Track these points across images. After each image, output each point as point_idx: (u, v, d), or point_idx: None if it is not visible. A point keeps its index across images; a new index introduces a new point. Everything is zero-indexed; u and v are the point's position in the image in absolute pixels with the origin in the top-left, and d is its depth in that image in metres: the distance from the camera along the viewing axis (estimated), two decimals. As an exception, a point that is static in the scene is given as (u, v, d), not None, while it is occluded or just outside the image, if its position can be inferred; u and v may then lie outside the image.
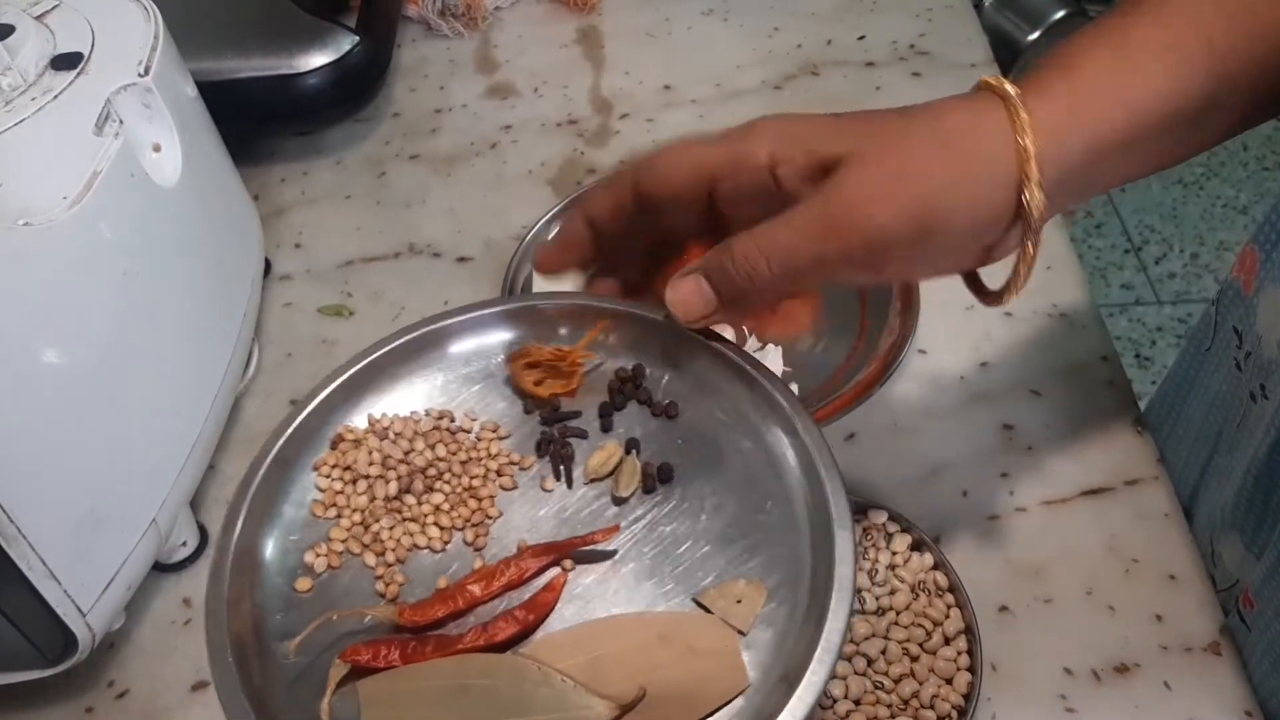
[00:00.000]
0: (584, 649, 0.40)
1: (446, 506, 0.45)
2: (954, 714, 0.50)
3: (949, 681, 0.51)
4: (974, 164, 0.37)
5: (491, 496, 0.45)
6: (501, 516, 0.45)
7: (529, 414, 0.47)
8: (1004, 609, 0.55)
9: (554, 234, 0.46)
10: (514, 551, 0.43)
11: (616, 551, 0.43)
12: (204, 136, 0.62)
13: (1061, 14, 1.68)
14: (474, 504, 0.45)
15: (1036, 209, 0.37)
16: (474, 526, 0.44)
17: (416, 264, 0.74)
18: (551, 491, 0.45)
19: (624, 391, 0.47)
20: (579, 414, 0.47)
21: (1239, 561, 0.54)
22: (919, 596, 0.53)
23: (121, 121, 0.53)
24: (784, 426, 0.44)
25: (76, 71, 0.52)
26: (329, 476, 0.46)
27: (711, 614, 0.41)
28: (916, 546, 0.55)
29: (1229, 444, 0.57)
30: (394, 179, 0.80)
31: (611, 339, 0.48)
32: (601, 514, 0.44)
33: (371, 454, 0.46)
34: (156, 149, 0.56)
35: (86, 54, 0.53)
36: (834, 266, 0.39)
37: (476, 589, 0.42)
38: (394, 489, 0.45)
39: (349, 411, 0.47)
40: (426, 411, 0.48)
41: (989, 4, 1.70)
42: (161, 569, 0.59)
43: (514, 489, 0.45)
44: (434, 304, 0.71)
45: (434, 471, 0.46)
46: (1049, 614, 0.55)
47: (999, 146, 0.37)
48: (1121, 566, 0.56)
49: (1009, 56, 1.64)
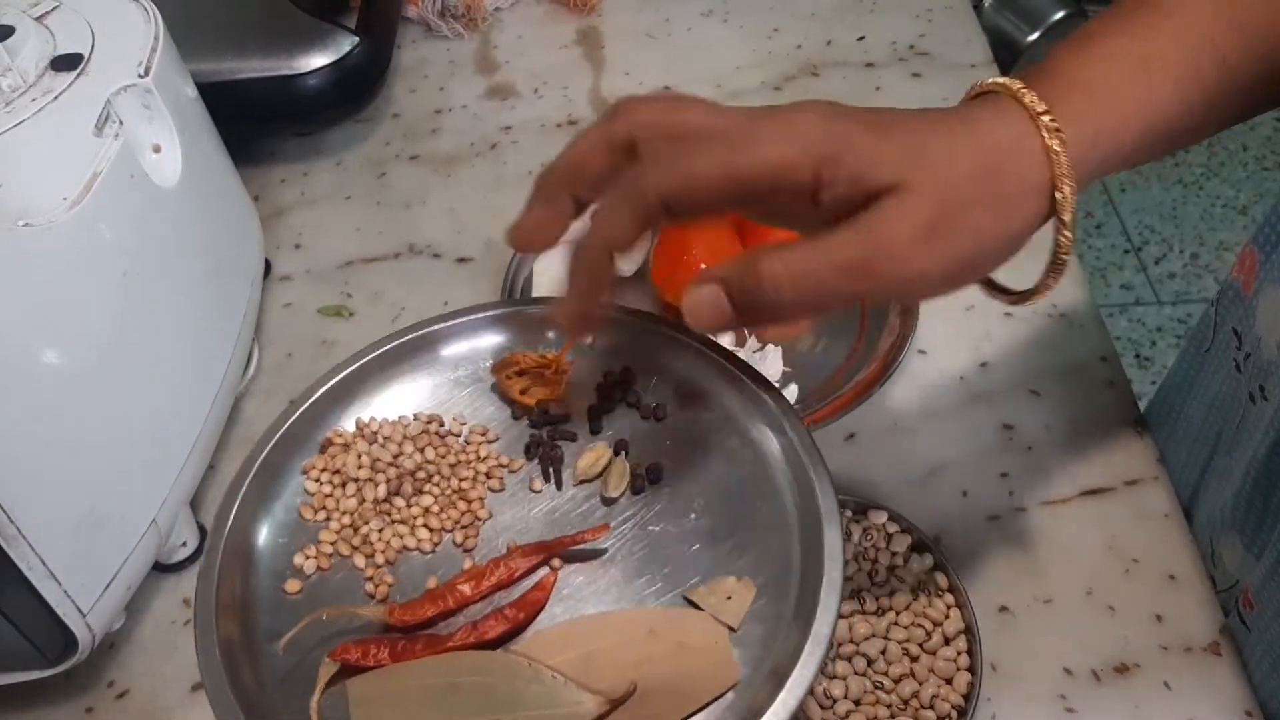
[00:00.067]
0: (574, 645, 0.40)
1: (436, 508, 0.45)
2: (954, 714, 0.50)
3: (949, 681, 0.51)
4: (1021, 205, 0.37)
5: (481, 498, 0.45)
6: (491, 518, 0.45)
7: (517, 419, 0.47)
8: (1004, 609, 0.55)
9: (529, 208, 0.43)
10: (504, 552, 0.43)
11: (606, 551, 0.43)
12: (204, 137, 0.62)
13: (1061, 14, 1.68)
14: (463, 506, 0.45)
15: (1066, 240, 0.38)
16: (463, 528, 0.44)
17: (416, 264, 0.74)
18: (540, 493, 0.45)
19: (612, 394, 0.47)
20: (568, 417, 0.47)
21: (1239, 562, 0.54)
22: (919, 596, 0.53)
23: (121, 122, 0.53)
24: (771, 426, 0.45)
25: (76, 72, 0.52)
26: (318, 480, 0.46)
27: (702, 610, 0.41)
28: (916, 547, 0.55)
29: (1228, 445, 0.57)
30: (394, 179, 0.80)
31: (600, 342, 0.48)
32: (591, 515, 0.44)
33: (360, 457, 0.46)
34: (156, 150, 0.56)
35: (86, 55, 0.53)
36: (861, 298, 0.38)
37: (466, 588, 0.42)
38: (383, 491, 0.45)
39: (337, 416, 0.47)
40: (415, 416, 0.48)
41: (989, 4, 1.70)
42: (161, 569, 0.59)
43: (503, 491, 0.45)
44: (434, 305, 0.71)
45: (423, 474, 0.46)
46: (1049, 614, 0.55)
47: (1037, 174, 0.37)
48: (1121, 566, 0.56)
49: (1009, 57, 1.64)
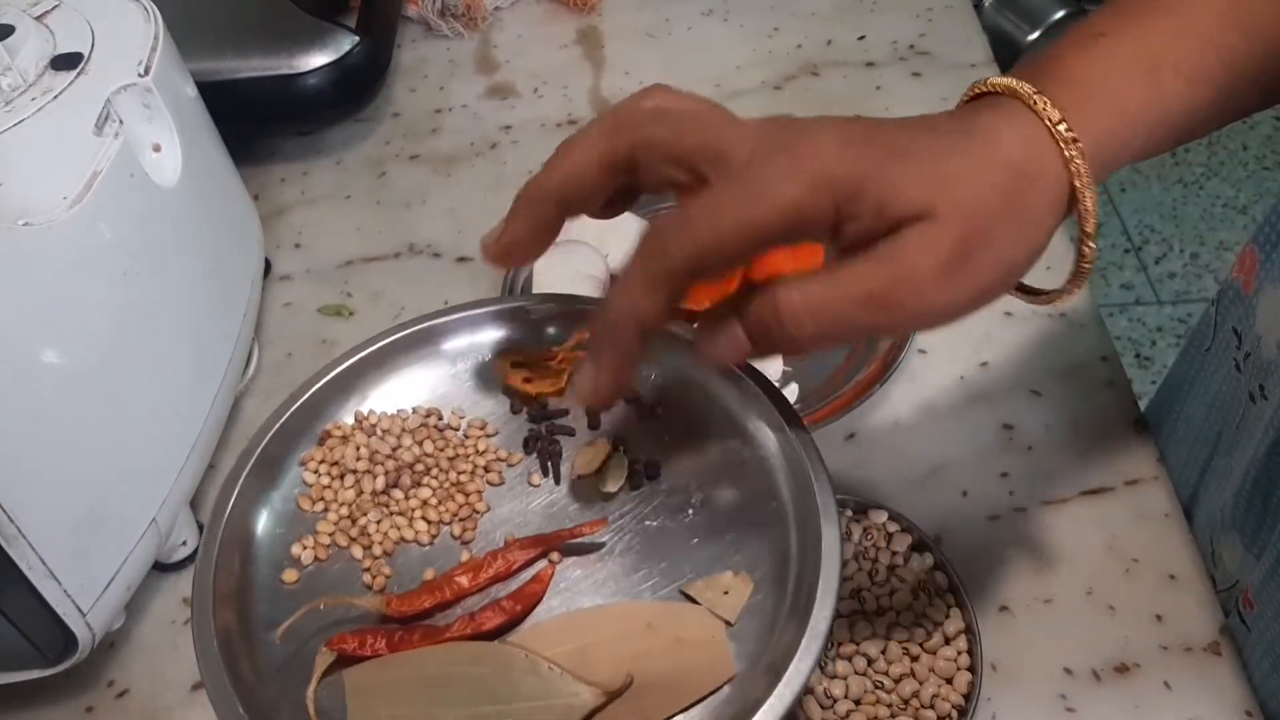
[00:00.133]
0: (571, 638, 0.40)
1: (434, 501, 0.45)
2: (954, 714, 0.50)
3: (949, 681, 0.51)
4: (1042, 223, 0.36)
5: (479, 491, 0.45)
6: (489, 511, 0.45)
7: (516, 413, 0.47)
8: (1004, 609, 0.55)
9: (511, 221, 0.40)
10: (501, 545, 0.43)
11: (604, 545, 0.43)
12: (204, 136, 0.62)
13: (1061, 14, 1.68)
14: (461, 499, 0.45)
15: (1090, 250, 0.37)
16: (461, 521, 0.44)
17: (416, 264, 0.74)
18: (539, 487, 0.45)
19: None
20: (566, 412, 0.47)
21: (1239, 562, 0.54)
22: (919, 596, 0.53)
23: (121, 121, 0.53)
24: (769, 422, 0.45)
25: (76, 72, 0.52)
26: (316, 472, 0.46)
27: (699, 605, 0.41)
28: (917, 546, 0.55)
29: (1228, 444, 0.57)
30: (394, 179, 0.80)
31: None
32: (588, 509, 0.44)
33: (359, 449, 0.46)
34: (156, 149, 0.56)
35: (86, 54, 0.53)
36: (883, 332, 0.37)
37: (464, 580, 0.42)
38: (381, 484, 0.45)
39: (337, 409, 0.47)
40: (414, 409, 0.48)
41: (989, 4, 1.70)
42: (161, 569, 0.59)
43: (501, 485, 0.45)
44: (434, 304, 0.70)
45: (421, 467, 0.46)
46: (1049, 614, 0.55)
47: (1056, 189, 0.36)
48: (1121, 566, 0.56)
49: (1009, 56, 1.64)
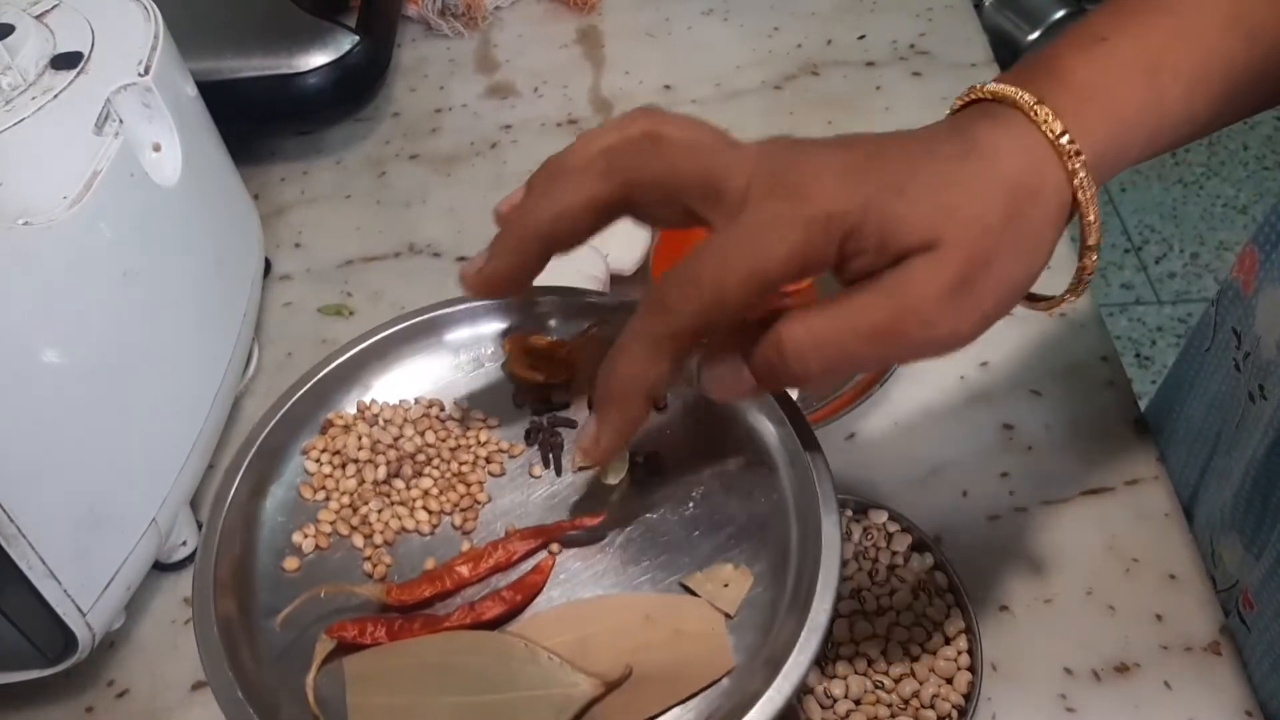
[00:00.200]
0: (571, 628, 0.40)
1: (435, 491, 0.45)
2: (954, 714, 0.50)
3: (949, 681, 0.51)
4: (1045, 242, 0.36)
5: (480, 482, 0.45)
6: (490, 502, 0.45)
7: (519, 406, 0.48)
8: (1004, 609, 0.55)
9: (494, 255, 0.39)
10: (502, 535, 0.43)
11: (604, 536, 0.43)
12: (204, 136, 0.62)
13: (1061, 14, 1.68)
14: (462, 489, 0.45)
15: (1091, 263, 0.37)
16: (462, 511, 0.44)
17: (416, 264, 0.74)
18: (540, 479, 0.45)
19: None
20: (568, 404, 0.47)
21: (1239, 562, 0.54)
22: (919, 596, 0.53)
23: (121, 121, 0.53)
24: (770, 415, 0.45)
25: (76, 71, 0.52)
26: (318, 461, 0.46)
27: (698, 597, 0.41)
28: (917, 546, 0.55)
29: (1228, 444, 0.57)
30: (394, 179, 0.80)
31: (603, 333, 0.48)
32: (589, 501, 0.44)
33: (361, 439, 0.46)
34: (156, 149, 0.56)
35: (86, 53, 0.53)
36: (889, 363, 0.37)
37: (464, 570, 0.42)
38: (383, 473, 0.45)
39: (339, 398, 0.48)
40: (416, 399, 0.48)
41: (989, 4, 1.70)
42: (161, 569, 0.59)
43: (502, 476, 0.45)
44: (434, 304, 0.71)
45: (423, 457, 0.46)
46: (1049, 614, 0.55)
47: (1058, 205, 0.35)
48: (1121, 566, 0.56)
49: (1009, 56, 1.64)
